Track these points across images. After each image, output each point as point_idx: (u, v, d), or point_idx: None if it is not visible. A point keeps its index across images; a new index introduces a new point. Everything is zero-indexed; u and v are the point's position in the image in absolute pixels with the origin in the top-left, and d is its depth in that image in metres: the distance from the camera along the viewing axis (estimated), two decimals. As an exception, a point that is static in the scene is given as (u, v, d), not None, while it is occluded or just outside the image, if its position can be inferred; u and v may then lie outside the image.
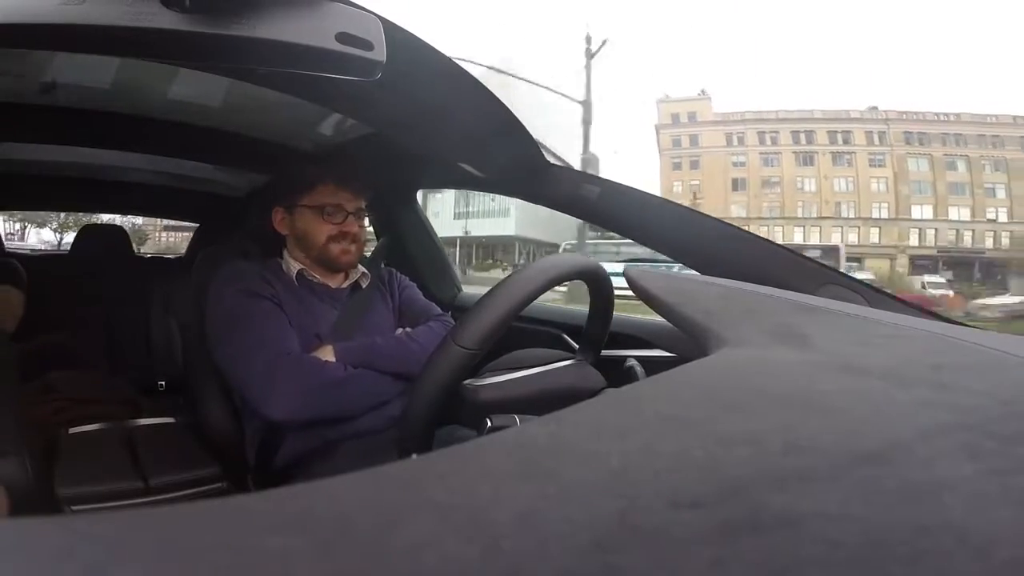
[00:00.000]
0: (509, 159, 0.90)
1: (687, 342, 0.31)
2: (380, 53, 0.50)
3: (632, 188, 0.92)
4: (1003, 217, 22.65)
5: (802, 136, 24.93)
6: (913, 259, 21.49)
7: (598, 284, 0.62)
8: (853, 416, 0.19)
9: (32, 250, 3.38)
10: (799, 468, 0.15)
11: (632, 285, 0.39)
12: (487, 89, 0.71)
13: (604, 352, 0.66)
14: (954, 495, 0.14)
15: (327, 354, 0.82)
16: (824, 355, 0.26)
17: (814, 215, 23.53)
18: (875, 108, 24.85)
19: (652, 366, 0.52)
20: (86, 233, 1.83)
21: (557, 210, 0.98)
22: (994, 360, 0.26)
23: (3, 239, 1.70)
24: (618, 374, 0.65)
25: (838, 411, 0.19)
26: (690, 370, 0.24)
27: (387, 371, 0.83)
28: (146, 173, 1.71)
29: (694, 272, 0.81)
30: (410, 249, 1.41)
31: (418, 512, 0.13)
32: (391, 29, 0.52)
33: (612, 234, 1.15)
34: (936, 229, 21.89)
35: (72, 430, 0.96)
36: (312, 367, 0.79)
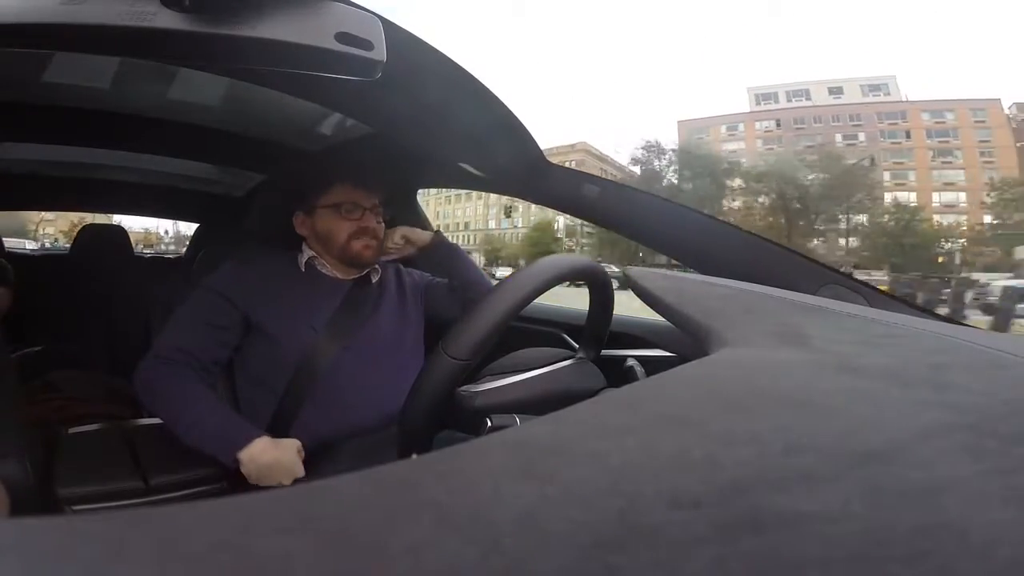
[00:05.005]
0: (509, 159, 0.90)
1: (687, 342, 0.31)
2: (380, 53, 0.50)
3: (632, 188, 0.92)
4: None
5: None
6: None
7: (598, 284, 0.62)
8: (853, 416, 0.19)
9: (32, 249, 3.39)
10: (799, 468, 0.15)
11: (632, 285, 0.39)
12: (487, 89, 0.71)
13: (604, 352, 0.66)
14: (954, 495, 0.14)
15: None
16: (824, 355, 0.25)
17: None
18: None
19: (652, 366, 0.52)
20: (86, 233, 1.82)
21: (558, 210, 0.98)
22: (994, 360, 0.26)
23: (2, 239, 1.69)
24: (618, 374, 0.64)
25: (838, 411, 0.19)
26: (690, 370, 0.24)
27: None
28: (146, 173, 1.71)
29: (694, 272, 0.81)
30: None
31: (418, 512, 0.13)
32: (391, 29, 0.52)
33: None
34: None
35: (72, 430, 0.95)
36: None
